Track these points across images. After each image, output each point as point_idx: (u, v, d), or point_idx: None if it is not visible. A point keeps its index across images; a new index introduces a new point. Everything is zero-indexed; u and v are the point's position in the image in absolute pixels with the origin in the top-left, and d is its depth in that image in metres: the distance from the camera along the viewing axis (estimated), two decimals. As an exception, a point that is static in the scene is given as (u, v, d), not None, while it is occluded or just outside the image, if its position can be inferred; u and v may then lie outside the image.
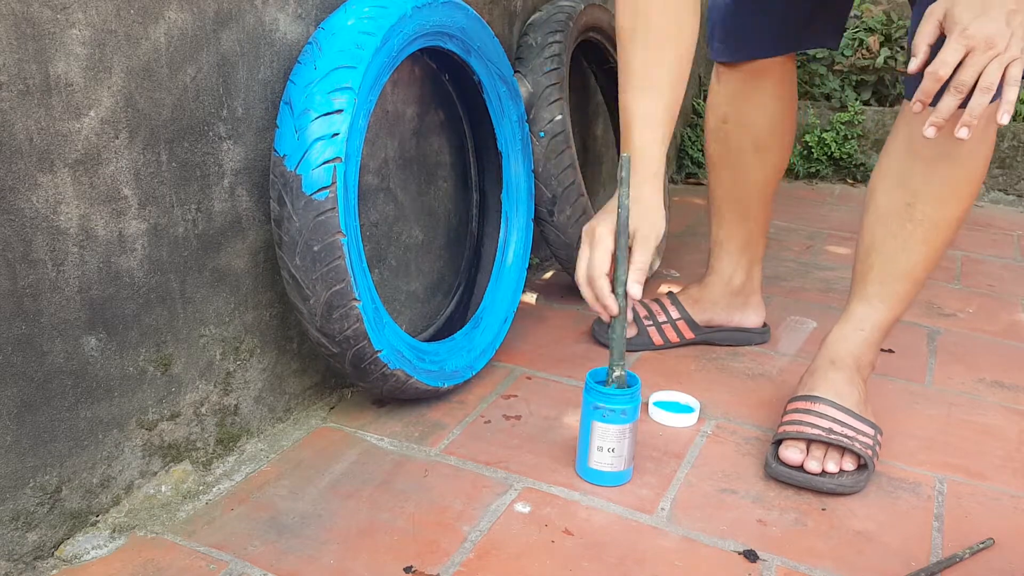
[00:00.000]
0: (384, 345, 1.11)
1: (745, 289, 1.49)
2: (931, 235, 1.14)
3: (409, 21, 1.10)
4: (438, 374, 1.23)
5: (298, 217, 1.01)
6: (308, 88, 1.01)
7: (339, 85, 1.01)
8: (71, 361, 0.89)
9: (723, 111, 1.39)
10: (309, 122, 1.00)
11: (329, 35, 1.04)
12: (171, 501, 1.02)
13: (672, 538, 1.00)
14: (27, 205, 0.81)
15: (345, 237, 1.02)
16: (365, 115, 1.06)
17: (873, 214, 1.18)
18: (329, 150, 1.00)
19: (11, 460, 0.85)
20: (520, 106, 1.40)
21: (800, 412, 1.15)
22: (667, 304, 1.50)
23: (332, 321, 1.05)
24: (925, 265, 1.16)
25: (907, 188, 1.14)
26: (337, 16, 1.07)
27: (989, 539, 1.02)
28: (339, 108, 1.01)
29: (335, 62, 1.02)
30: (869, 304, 1.20)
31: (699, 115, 2.79)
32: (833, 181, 2.73)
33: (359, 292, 1.05)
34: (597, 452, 1.08)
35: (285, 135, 1.02)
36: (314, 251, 1.01)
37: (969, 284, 1.92)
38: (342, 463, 1.12)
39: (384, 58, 1.07)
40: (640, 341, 1.48)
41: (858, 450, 1.09)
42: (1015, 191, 2.65)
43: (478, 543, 0.98)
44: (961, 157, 1.10)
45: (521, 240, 1.44)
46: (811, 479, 1.09)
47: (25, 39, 0.78)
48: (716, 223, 1.47)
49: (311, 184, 1.00)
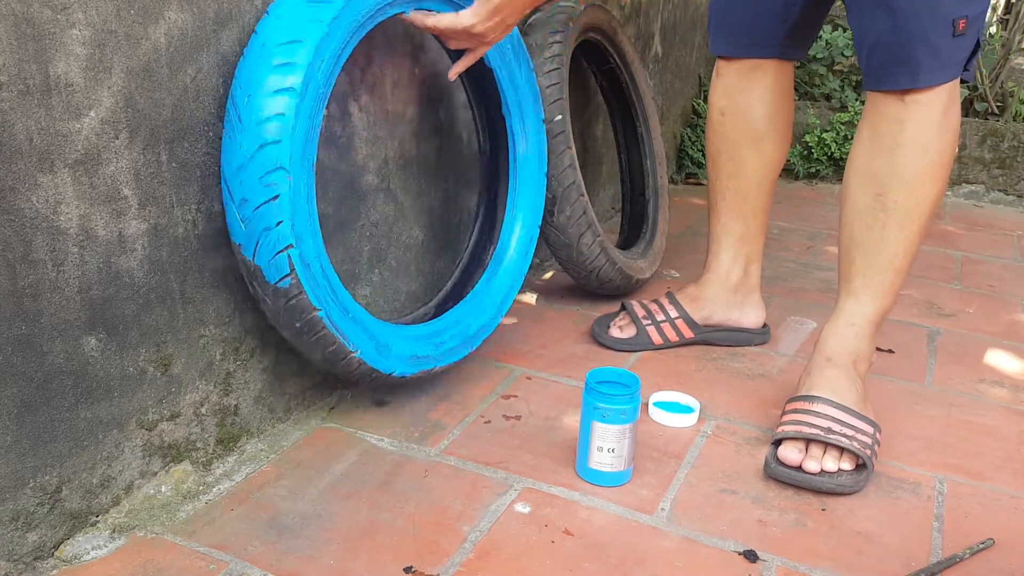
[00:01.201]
0: (391, 369, 1.15)
1: (743, 287, 1.49)
2: (905, 222, 1.17)
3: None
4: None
5: (271, 301, 1.02)
6: (239, 173, 0.96)
7: (269, 169, 0.95)
8: (71, 361, 0.89)
9: (721, 104, 1.41)
10: (251, 212, 0.96)
11: (244, 106, 0.96)
12: (171, 501, 1.02)
13: (672, 538, 1.00)
14: (27, 205, 0.81)
15: (321, 311, 1.03)
16: (306, 196, 1.00)
17: (849, 208, 1.21)
18: (278, 240, 0.97)
19: (11, 460, 0.85)
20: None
21: (799, 412, 1.15)
22: (665, 303, 1.51)
23: (338, 367, 1.10)
24: (905, 252, 1.19)
25: (875, 179, 1.17)
26: (254, 77, 0.96)
27: (989, 539, 1.02)
28: (275, 195, 0.96)
29: (256, 140, 0.94)
30: (856, 298, 1.22)
31: (699, 115, 2.79)
32: (833, 181, 2.73)
33: (354, 343, 1.09)
34: (597, 452, 1.08)
35: (233, 225, 0.98)
36: (296, 327, 1.04)
37: (969, 284, 1.92)
38: (342, 463, 1.12)
39: (310, 106, 0.98)
40: (639, 341, 1.49)
41: (856, 450, 1.10)
42: (1015, 191, 2.65)
43: (478, 543, 0.98)
44: (922, 142, 1.14)
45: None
46: (810, 479, 1.09)
47: (25, 39, 0.78)
48: (714, 218, 1.48)
49: (272, 274, 0.99)
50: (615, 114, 1.92)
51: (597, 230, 1.52)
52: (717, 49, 1.39)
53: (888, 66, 1.13)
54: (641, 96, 1.86)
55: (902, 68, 1.11)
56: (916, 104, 1.13)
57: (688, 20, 2.55)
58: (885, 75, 1.13)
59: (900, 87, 1.13)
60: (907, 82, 1.12)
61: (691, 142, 2.74)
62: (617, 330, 1.50)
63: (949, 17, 1.09)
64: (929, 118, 1.13)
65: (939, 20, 1.09)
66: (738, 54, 1.36)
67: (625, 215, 1.93)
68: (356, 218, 1.24)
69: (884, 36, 1.11)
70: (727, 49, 1.37)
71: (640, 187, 1.90)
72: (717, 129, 1.42)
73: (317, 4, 0.97)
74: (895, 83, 1.13)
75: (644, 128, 1.88)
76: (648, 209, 1.88)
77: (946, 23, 1.09)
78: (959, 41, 1.10)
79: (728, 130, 1.41)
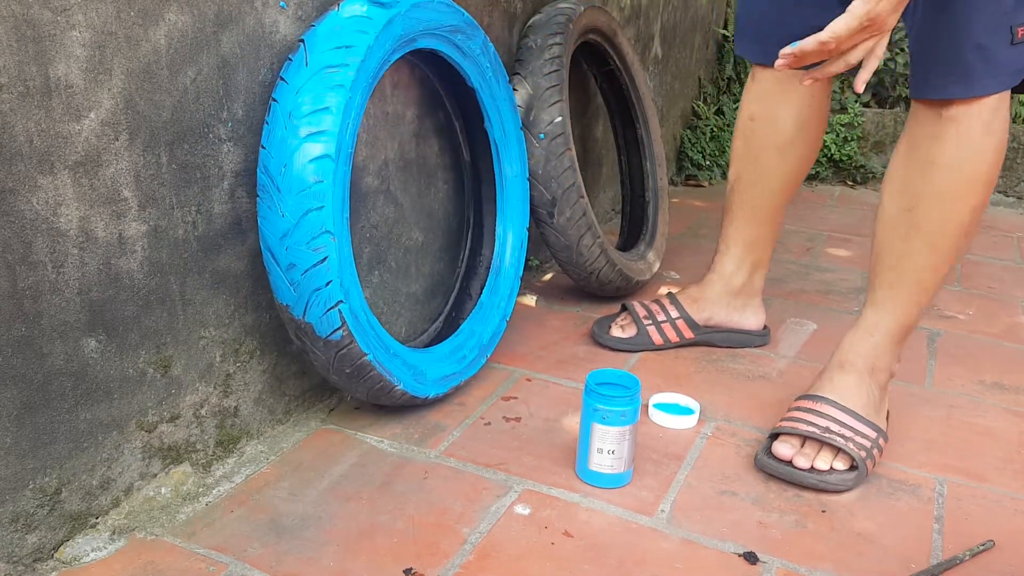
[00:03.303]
0: (426, 392, 1.22)
1: (745, 291, 1.49)
2: (934, 239, 1.14)
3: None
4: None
5: (322, 353, 1.07)
6: (284, 240, 0.99)
7: (315, 234, 0.99)
8: (71, 363, 0.89)
9: (752, 108, 1.39)
10: (299, 276, 1.00)
11: (280, 177, 0.99)
12: (171, 503, 1.02)
13: (672, 540, 1.00)
14: (27, 207, 0.81)
15: (369, 355, 1.08)
16: (346, 255, 1.04)
17: (881, 220, 1.19)
18: (328, 298, 1.02)
19: (11, 462, 0.85)
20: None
21: (801, 410, 1.16)
22: (666, 304, 1.51)
23: (382, 399, 1.17)
24: (933, 269, 1.16)
25: (908, 193, 1.14)
26: (286, 147, 0.99)
27: (989, 541, 1.02)
28: (323, 257, 1.00)
29: (299, 208, 0.98)
30: (879, 310, 1.20)
31: (698, 117, 2.79)
32: (833, 183, 2.73)
33: (397, 378, 1.15)
34: (597, 454, 1.08)
35: (280, 288, 1.02)
36: (347, 372, 1.09)
37: (969, 286, 1.92)
38: (342, 465, 1.12)
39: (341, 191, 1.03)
40: (640, 341, 1.49)
41: (851, 451, 1.10)
42: (1015, 193, 2.65)
43: (478, 545, 0.98)
44: (957, 160, 1.10)
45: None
46: (793, 472, 1.10)
47: (25, 41, 0.78)
48: (727, 219, 1.47)
49: (323, 329, 1.03)
50: (615, 116, 1.92)
51: (597, 232, 1.52)
52: (755, 57, 1.36)
53: (941, 74, 1.08)
54: (641, 98, 1.86)
55: (955, 76, 1.07)
56: (952, 121, 1.09)
57: (688, 22, 2.55)
58: (937, 83, 1.09)
59: (954, 96, 1.08)
60: (961, 91, 1.07)
61: (691, 144, 2.74)
62: (619, 329, 1.50)
63: (1007, 24, 1.04)
64: (966, 135, 1.09)
65: (997, 26, 1.04)
66: (772, 62, 1.33)
67: (625, 217, 1.94)
68: (356, 220, 1.24)
69: (939, 43, 1.07)
70: (765, 58, 1.33)
71: (640, 189, 1.91)
72: (745, 133, 1.41)
73: (335, 70, 1.01)
74: (947, 92, 1.08)
75: (644, 130, 1.88)
76: (648, 211, 1.88)
77: (1004, 30, 1.04)
78: (1016, 49, 1.05)
79: (756, 135, 1.39)
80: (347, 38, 1.02)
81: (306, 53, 1.01)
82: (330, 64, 1.01)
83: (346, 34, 1.02)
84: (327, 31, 1.03)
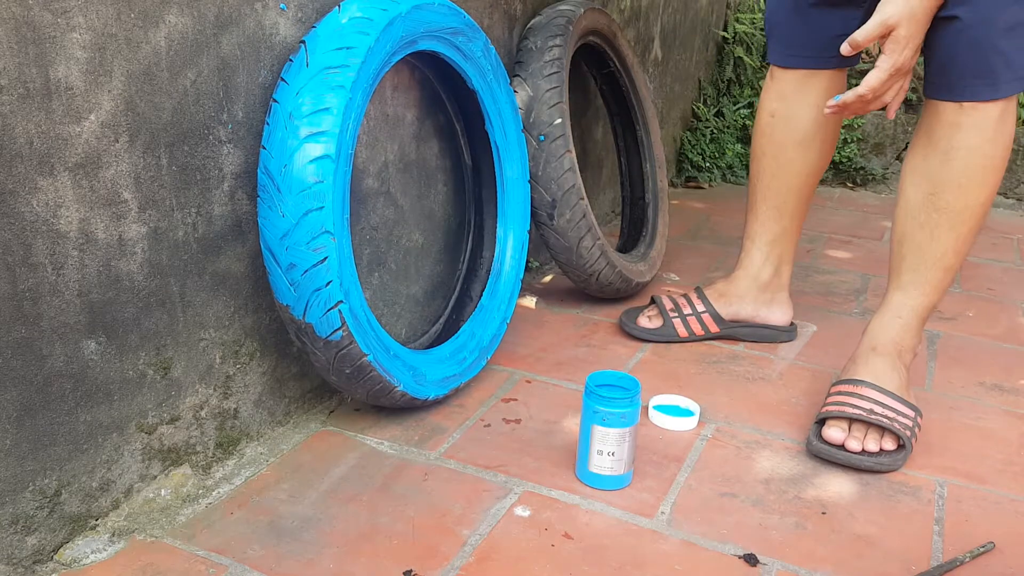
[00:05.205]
0: (427, 394, 1.22)
1: (772, 285, 1.53)
2: (955, 222, 1.21)
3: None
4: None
5: (322, 353, 1.07)
6: (284, 240, 1.00)
7: (315, 234, 0.99)
8: (71, 365, 0.89)
9: (772, 107, 1.43)
10: (299, 276, 1.00)
11: (281, 177, 1.00)
12: (171, 505, 1.02)
13: (672, 542, 1.00)
14: (27, 209, 0.81)
15: (369, 355, 1.08)
16: (348, 252, 1.04)
17: (902, 206, 1.25)
18: (328, 298, 1.02)
19: (11, 464, 0.85)
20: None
21: (844, 394, 1.20)
22: (693, 298, 1.55)
23: (382, 400, 1.17)
24: (954, 251, 1.23)
25: (930, 180, 1.21)
26: (287, 147, 0.99)
27: (990, 543, 1.02)
28: (323, 257, 1.00)
29: (300, 208, 0.99)
30: (905, 292, 1.26)
31: (698, 119, 2.79)
32: (833, 185, 2.73)
33: (397, 379, 1.15)
34: (597, 456, 1.08)
35: (280, 288, 1.02)
36: (347, 373, 1.09)
37: (969, 288, 1.92)
38: (342, 467, 1.12)
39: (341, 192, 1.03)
40: (665, 332, 1.52)
41: (897, 430, 1.14)
42: (1015, 195, 2.65)
43: (478, 547, 0.98)
44: (976, 146, 1.17)
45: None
46: (850, 457, 1.14)
47: (26, 43, 0.78)
48: (752, 216, 1.51)
49: (323, 330, 1.04)
50: (615, 118, 1.92)
51: (597, 233, 1.52)
52: (776, 60, 1.41)
53: (967, 78, 1.14)
54: (641, 100, 1.86)
55: (982, 80, 1.13)
56: (973, 109, 1.15)
57: (688, 24, 2.55)
58: (964, 87, 1.15)
59: (981, 98, 1.14)
60: (988, 94, 1.14)
61: (691, 146, 2.74)
62: (646, 320, 1.55)
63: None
64: (984, 123, 1.16)
65: (1014, 30, 1.10)
66: (796, 65, 1.38)
67: (625, 218, 1.94)
68: (356, 221, 1.24)
69: (961, 49, 1.13)
70: (785, 61, 1.39)
71: (640, 191, 1.91)
72: (765, 131, 1.45)
73: (335, 71, 1.01)
74: (975, 95, 1.14)
75: (644, 132, 1.88)
76: (648, 212, 1.88)
77: (1021, 37, 1.11)
78: None
79: (776, 132, 1.43)
80: (348, 39, 1.02)
81: (307, 54, 1.01)
82: (331, 65, 1.01)
83: (347, 35, 1.03)
84: (328, 32, 1.03)
